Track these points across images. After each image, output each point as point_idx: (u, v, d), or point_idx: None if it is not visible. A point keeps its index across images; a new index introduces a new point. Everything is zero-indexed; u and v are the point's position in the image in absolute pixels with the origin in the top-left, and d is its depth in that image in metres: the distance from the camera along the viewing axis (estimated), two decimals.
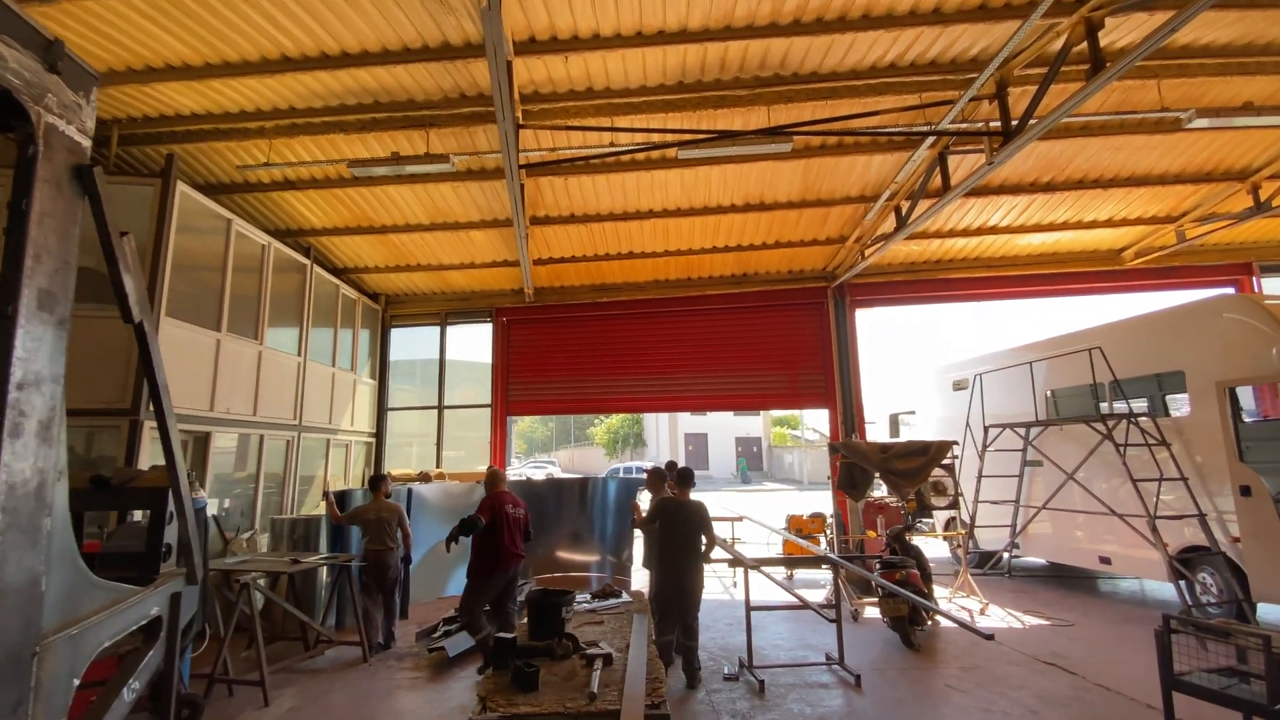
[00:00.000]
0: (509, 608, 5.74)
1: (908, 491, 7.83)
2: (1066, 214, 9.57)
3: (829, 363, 11.12)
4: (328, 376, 10.13)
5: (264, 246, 8.43)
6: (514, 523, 5.64)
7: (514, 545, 5.60)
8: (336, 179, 8.69)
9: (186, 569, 3.30)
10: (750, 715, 4.70)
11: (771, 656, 6.09)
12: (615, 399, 11.83)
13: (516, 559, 5.62)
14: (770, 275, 11.36)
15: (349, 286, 11.06)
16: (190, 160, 8.18)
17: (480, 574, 5.55)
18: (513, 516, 5.66)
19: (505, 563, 5.54)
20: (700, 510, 5.56)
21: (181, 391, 6.78)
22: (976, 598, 7.78)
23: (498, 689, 2.78)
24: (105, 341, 6.27)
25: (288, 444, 8.96)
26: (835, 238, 10.16)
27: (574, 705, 2.58)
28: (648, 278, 11.39)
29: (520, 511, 5.77)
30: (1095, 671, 5.42)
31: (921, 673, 5.55)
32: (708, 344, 11.58)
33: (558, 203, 9.17)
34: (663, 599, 5.40)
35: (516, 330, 12.04)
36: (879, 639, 6.49)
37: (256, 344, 8.18)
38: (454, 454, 12.23)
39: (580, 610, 4.15)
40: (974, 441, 9.41)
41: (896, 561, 6.57)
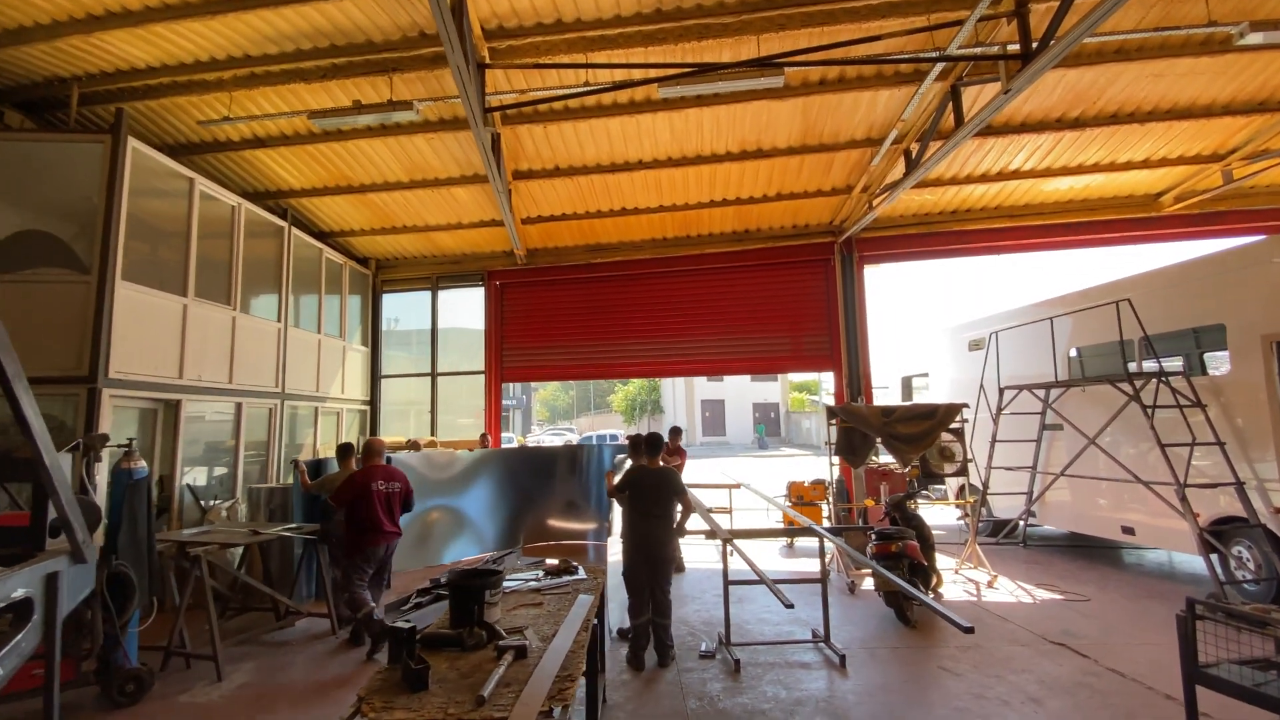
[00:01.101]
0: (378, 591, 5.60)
1: (911, 457, 7.30)
2: (1098, 154, 8.68)
3: (834, 323, 10.50)
4: (313, 343, 9.87)
5: (234, 208, 8.07)
6: (383, 499, 5.39)
7: (382, 523, 5.34)
8: (307, 135, 8.26)
9: (71, 548, 3.00)
10: (718, 699, 4.35)
11: (756, 632, 5.72)
12: (612, 364, 11.40)
13: (386, 536, 5.38)
14: (773, 231, 10.68)
15: (334, 251, 10.71)
16: (154, 119, 7.83)
17: (350, 554, 5.35)
18: (382, 492, 5.39)
19: (373, 540, 5.31)
20: (671, 477, 5.19)
21: (144, 358, 6.55)
22: (985, 569, 7.30)
23: (384, 687, 2.43)
24: (61, 306, 6.03)
25: (270, 412, 8.75)
26: (841, 188, 9.44)
27: (456, 711, 2.22)
28: (644, 236, 10.81)
29: (394, 486, 5.49)
30: (1109, 654, 4.94)
31: (914, 652, 5.13)
32: (708, 306, 11.03)
33: (539, 154, 8.61)
34: (633, 573, 5.06)
35: (510, 294, 11.62)
36: (874, 613, 6.09)
37: (230, 309, 7.89)
38: (464, 421, 11.96)
39: (523, 590, 3.81)
40: (988, 404, 8.79)
41: (893, 532, 6.11)
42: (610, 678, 4.76)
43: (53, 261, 6.24)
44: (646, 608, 5.01)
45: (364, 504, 5.29)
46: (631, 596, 5.07)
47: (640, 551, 5.03)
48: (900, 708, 4.13)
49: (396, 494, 5.49)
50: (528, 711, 2.19)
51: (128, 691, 4.40)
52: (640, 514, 5.07)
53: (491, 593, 3.17)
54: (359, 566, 5.31)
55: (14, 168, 6.36)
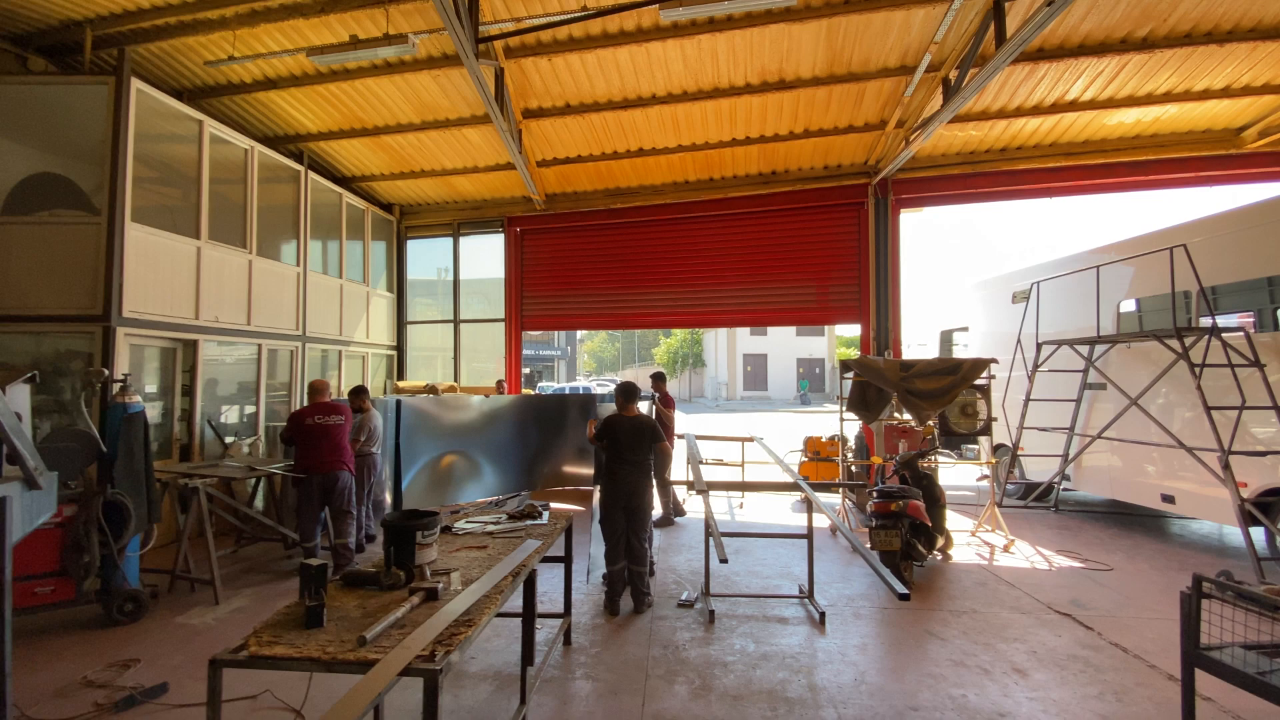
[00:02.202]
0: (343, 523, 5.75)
1: (928, 415, 6.87)
2: (1169, 81, 7.62)
3: (864, 272, 9.89)
4: (334, 288, 10.03)
5: (247, 151, 8.11)
6: (318, 432, 5.63)
7: (318, 454, 5.58)
8: (315, 75, 8.16)
9: (24, 475, 3.09)
10: (684, 648, 4.28)
11: (742, 584, 5.60)
12: (631, 314, 11.16)
13: (322, 466, 5.59)
14: (803, 172, 10.03)
15: (355, 196, 10.74)
16: (166, 63, 7.86)
17: (295, 484, 5.75)
18: (315, 426, 5.64)
19: (311, 468, 5.58)
20: (645, 425, 5.08)
21: (158, 298, 6.75)
22: (1001, 532, 6.91)
23: (283, 621, 2.42)
24: (75, 247, 6.23)
25: (291, 354, 9.01)
26: (874, 123, 8.69)
27: (335, 650, 2.17)
28: (664, 179, 10.36)
29: (334, 419, 5.71)
30: (1117, 627, 4.58)
31: (903, 614, 4.90)
32: (731, 253, 10.57)
33: (548, 90, 8.24)
34: (609, 520, 5.01)
35: (529, 241, 11.45)
36: (872, 573, 5.84)
37: (246, 253, 8.04)
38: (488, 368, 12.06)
39: (476, 533, 3.76)
40: (1024, 361, 8.16)
41: (894, 490, 5.80)
42: (584, 621, 4.76)
43: (65, 203, 6.43)
44: (621, 555, 4.98)
45: (300, 437, 5.62)
46: (606, 543, 5.04)
47: (615, 499, 4.98)
48: (868, 669, 3.95)
49: (338, 427, 5.66)
50: (405, 655, 2.12)
51: (126, 611, 4.68)
52: (615, 461, 5.01)
53: (425, 534, 3.11)
54: (305, 496, 5.61)
55: (28, 112, 6.52)
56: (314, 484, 5.55)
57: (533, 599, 3.23)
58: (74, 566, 4.50)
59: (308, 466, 5.60)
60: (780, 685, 3.75)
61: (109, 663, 4.00)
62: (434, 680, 2.06)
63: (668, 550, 6.70)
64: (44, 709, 3.43)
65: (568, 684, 3.78)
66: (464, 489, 8.59)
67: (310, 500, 5.58)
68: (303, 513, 5.63)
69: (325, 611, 2.44)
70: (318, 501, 5.57)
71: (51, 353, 6.39)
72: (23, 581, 4.39)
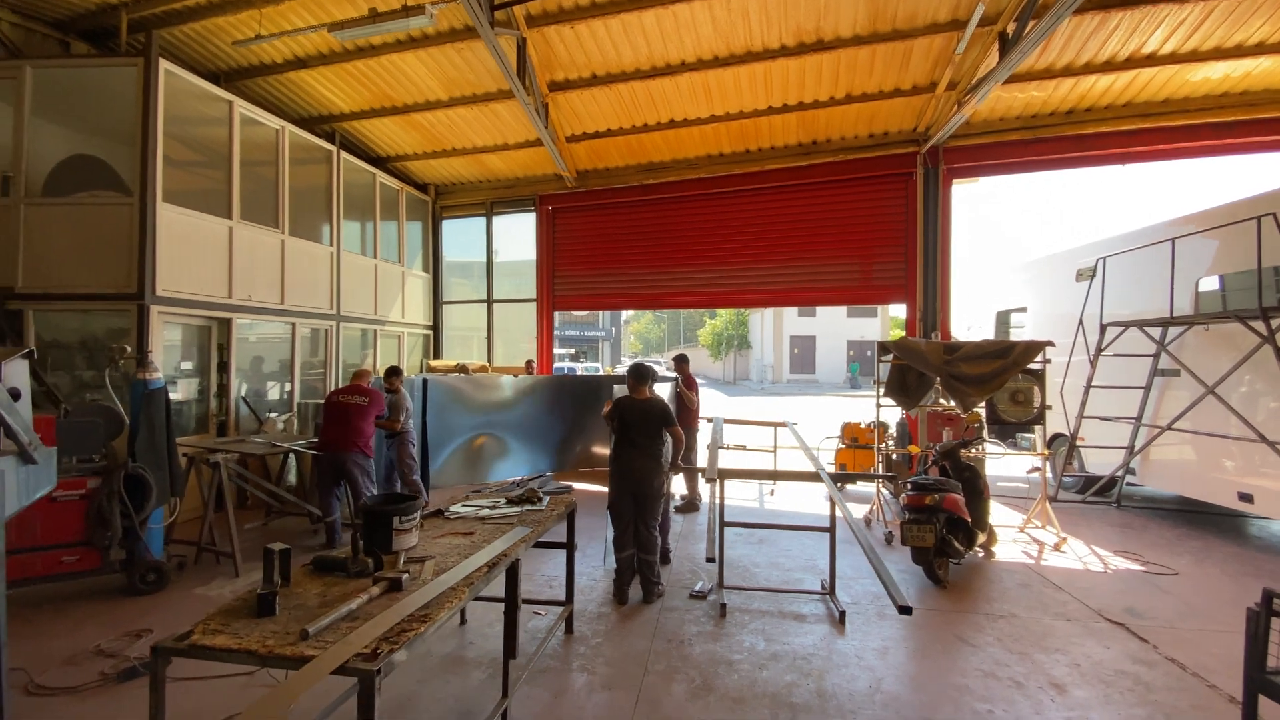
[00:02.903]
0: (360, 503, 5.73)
1: (974, 401, 6.35)
2: (1263, 29, 6.68)
3: (911, 248, 9.27)
4: (368, 268, 10.14)
5: (278, 131, 8.19)
6: (335, 411, 5.66)
7: (329, 433, 5.63)
8: (342, 52, 8.14)
9: (18, 450, 3.12)
10: (690, 643, 4.06)
11: (762, 577, 5.34)
12: (664, 293, 10.86)
13: (328, 445, 5.60)
14: (845, 141, 9.43)
15: (390, 176, 10.78)
16: (199, 45, 8.00)
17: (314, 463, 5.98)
18: (334, 404, 5.70)
19: (322, 448, 5.66)
20: (656, 408, 4.86)
21: (191, 277, 6.90)
22: (1053, 529, 6.37)
23: (237, 608, 2.33)
24: (110, 227, 6.41)
25: (325, 333, 9.16)
26: (923, 85, 8.04)
27: (274, 643, 2.05)
28: (698, 152, 9.95)
29: (353, 399, 5.68)
30: (1176, 640, 4.10)
31: (933, 616, 4.54)
32: (769, 229, 10.10)
33: (573, 60, 7.96)
34: (617, 505, 4.87)
35: (561, 219, 11.27)
36: (906, 569, 5.46)
37: (278, 233, 8.16)
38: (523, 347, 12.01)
39: (468, 518, 3.63)
40: (1086, 344, 7.47)
41: (930, 482, 5.39)
42: (590, 609, 4.61)
43: (101, 184, 6.61)
44: (630, 542, 4.82)
45: (323, 415, 5.78)
46: (615, 529, 4.88)
47: (623, 484, 4.81)
48: (886, 676, 3.64)
49: (355, 406, 5.63)
50: (344, 651, 1.97)
51: (149, 581, 4.81)
52: (622, 445, 4.84)
53: (402, 519, 3.00)
54: (320, 473, 5.75)
55: (67, 95, 6.72)
56: (325, 462, 5.60)
57: (515, 589, 3.07)
58: (97, 537, 4.64)
59: (321, 444, 5.68)
60: (786, 689, 3.49)
61: (124, 632, 4.10)
62: (370, 681, 1.91)
63: (688, 537, 6.48)
64: (52, 676, 3.52)
65: (561, 675, 3.63)
66: (491, 469, 8.57)
67: (324, 477, 5.66)
68: (320, 488, 5.76)
69: (279, 599, 2.34)
70: (330, 478, 5.61)
71: (103, 330, 6.66)
72: (51, 550, 4.56)
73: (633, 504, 4.80)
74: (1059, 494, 7.77)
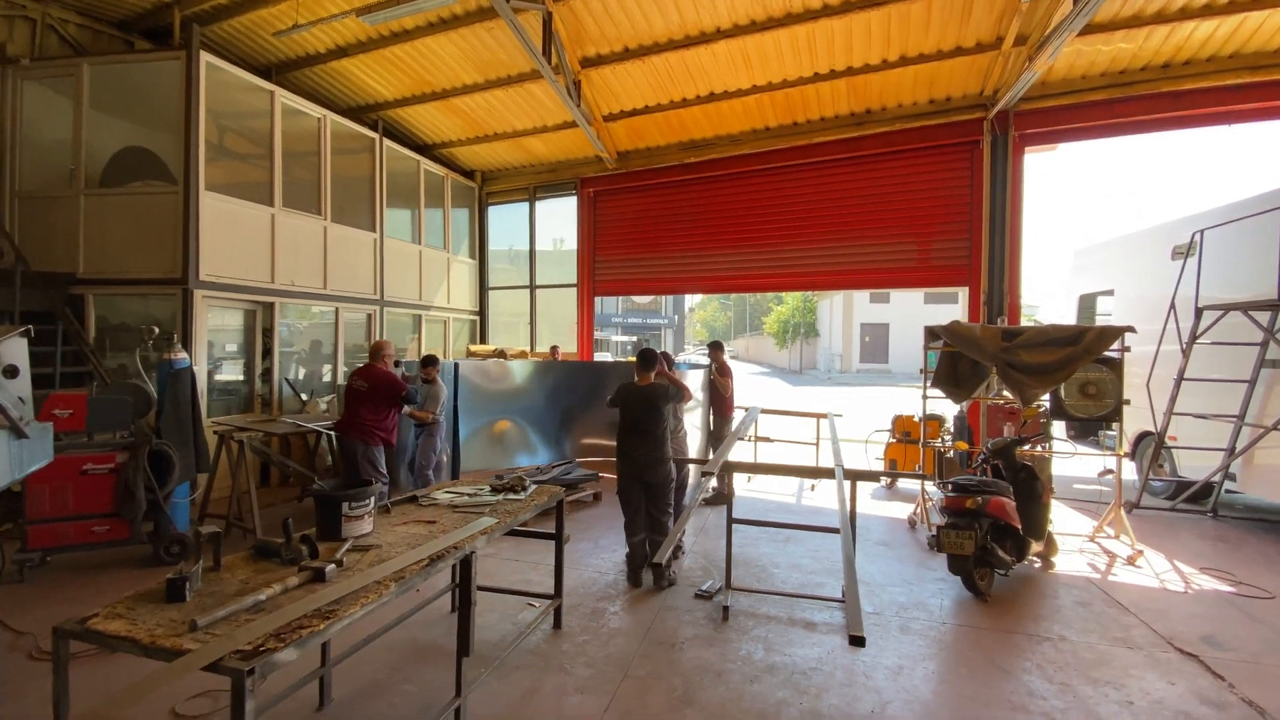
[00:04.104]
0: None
1: (1036, 394, 5.63)
2: None
3: (976, 226, 8.42)
4: (413, 254, 10.30)
5: (319, 120, 8.38)
6: (346, 394, 5.53)
7: (341, 417, 5.53)
8: (378, 38, 8.23)
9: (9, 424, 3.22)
10: (682, 646, 3.77)
11: (779, 579, 4.95)
12: (707, 277, 10.44)
13: (339, 429, 5.50)
14: (902, 109, 8.64)
15: (434, 163, 10.90)
16: (247, 40, 8.29)
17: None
18: (347, 388, 5.54)
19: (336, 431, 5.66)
20: (655, 394, 4.72)
21: (234, 262, 7.16)
22: (1126, 539, 5.60)
23: (147, 594, 2.25)
24: (158, 215, 6.73)
25: (369, 317, 9.39)
26: (988, 42, 7.21)
27: (164, 632, 1.94)
28: (741, 127, 9.43)
29: (356, 383, 5.41)
30: (1258, 678, 3.42)
31: (967, 633, 4.03)
32: (817, 206, 9.47)
33: (604, 34, 7.68)
34: (624, 492, 4.83)
35: (602, 202, 11.05)
36: (944, 578, 4.92)
37: (320, 219, 8.38)
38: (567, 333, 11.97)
39: (439, 505, 3.48)
40: (1178, 331, 6.52)
41: (973, 484, 4.81)
42: (587, 604, 4.40)
43: (151, 174, 6.95)
44: (641, 526, 4.78)
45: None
46: (625, 514, 4.86)
47: (628, 470, 4.79)
48: (894, 699, 3.22)
49: (354, 392, 5.41)
50: (222, 647, 1.83)
51: (173, 552, 5.00)
52: (625, 432, 4.75)
53: (353, 505, 2.87)
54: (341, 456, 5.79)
55: (121, 89, 7.09)
56: (340, 446, 5.63)
57: (469, 583, 2.89)
58: (125, 509, 4.86)
59: (335, 427, 5.69)
60: (774, 708, 3.14)
61: None
62: (239, 681, 1.76)
63: (708, 532, 6.15)
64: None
65: (535, 674, 3.44)
66: (521, 451, 8.49)
67: (342, 460, 5.66)
68: (341, 471, 5.76)
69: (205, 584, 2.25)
70: (345, 462, 5.64)
71: (161, 314, 7.03)
72: (83, 520, 4.81)
73: (641, 491, 4.78)
74: (1143, 500, 6.86)
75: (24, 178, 6.89)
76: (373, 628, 3.60)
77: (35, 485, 4.64)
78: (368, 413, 5.29)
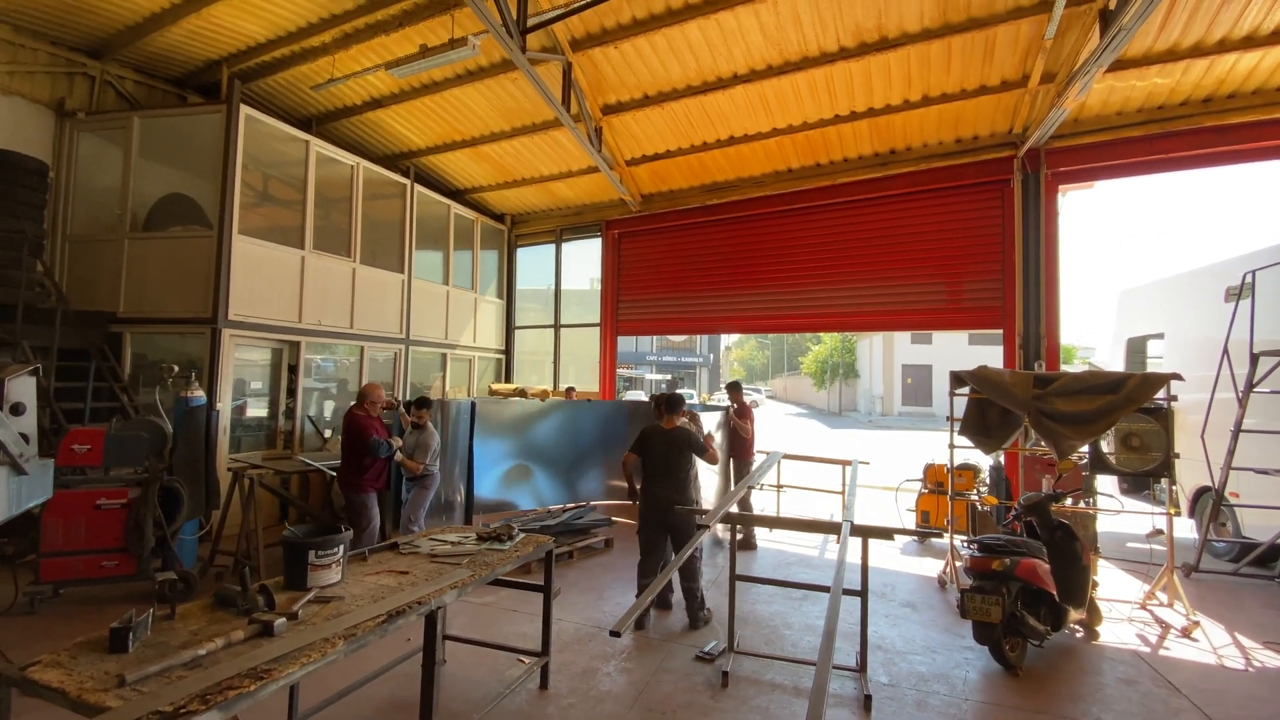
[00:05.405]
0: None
1: (1073, 445, 5.24)
2: None
3: (1009, 265, 8.09)
4: (440, 294, 10.52)
5: (352, 167, 8.73)
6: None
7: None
8: (409, 90, 8.59)
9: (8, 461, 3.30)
10: (673, 715, 3.52)
11: (790, 641, 4.64)
12: (730, 317, 10.32)
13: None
14: (928, 148, 8.48)
15: (464, 207, 11.21)
16: (289, 95, 8.78)
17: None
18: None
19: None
20: (679, 438, 4.93)
21: (263, 303, 7.39)
22: (1181, 607, 5.07)
23: (94, 642, 2.19)
24: (193, 258, 7.03)
25: (395, 356, 9.55)
26: (1014, 79, 7.04)
27: (93, 685, 1.86)
28: (762, 169, 9.41)
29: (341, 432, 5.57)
30: None
31: (992, 713, 3.65)
32: (842, 247, 9.29)
33: (623, 81, 7.83)
34: (644, 533, 4.95)
35: (626, 244, 11.13)
36: (973, 647, 4.52)
37: (350, 261, 8.64)
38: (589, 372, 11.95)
39: (419, 554, 3.37)
40: (1233, 378, 6.03)
41: (1000, 544, 4.45)
42: (577, 662, 4.18)
43: (190, 219, 7.30)
44: (652, 570, 4.86)
45: None
46: (641, 555, 4.98)
47: (650, 513, 4.91)
48: None
49: (342, 439, 5.48)
50: (141, 707, 1.74)
51: (178, 589, 5.00)
52: (653, 475, 4.94)
53: (320, 554, 2.80)
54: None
55: (166, 141, 7.55)
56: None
57: (433, 641, 2.75)
58: (134, 544, 4.92)
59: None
60: None
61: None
62: None
63: (721, 585, 5.84)
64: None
65: None
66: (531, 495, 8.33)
67: None
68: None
69: (135, 635, 2.19)
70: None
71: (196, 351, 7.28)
72: (93, 554, 4.88)
73: (663, 533, 4.89)
74: (1202, 562, 6.26)
75: (75, 222, 7.35)
76: (353, 678, 3.50)
77: (50, 519, 4.75)
78: (343, 460, 5.31)
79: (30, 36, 7.00)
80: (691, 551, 4.65)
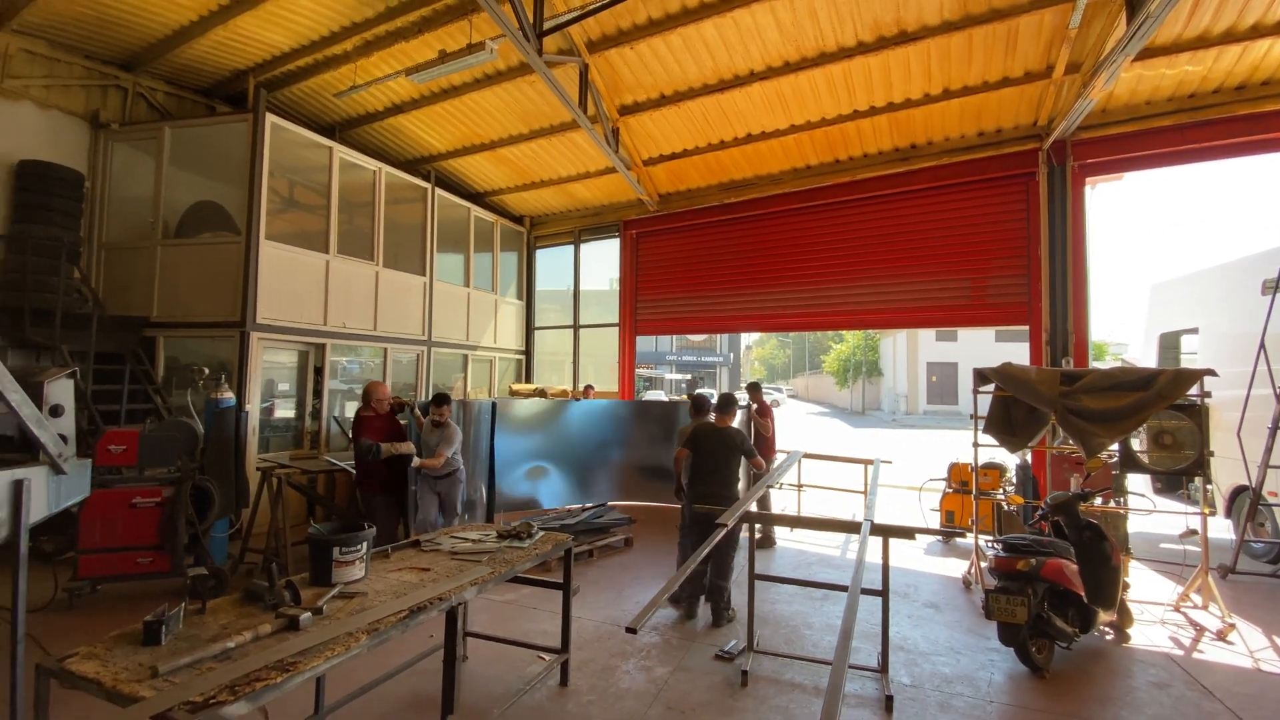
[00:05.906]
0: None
1: (1102, 443, 5.13)
2: None
3: (1034, 260, 7.93)
4: (461, 296, 10.64)
5: (374, 172, 8.88)
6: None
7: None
8: (429, 95, 8.70)
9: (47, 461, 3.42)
10: (691, 714, 3.52)
11: (811, 641, 4.61)
12: (749, 316, 10.27)
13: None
14: (950, 142, 8.35)
15: (486, 210, 11.33)
16: (313, 103, 8.95)
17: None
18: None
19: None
20: (731, 437, 5.08)
21: (289, 306, 7.56)
22: (1216, 609, 4.93)
23: (129, 635, 2.27)
24: (223, 263, 7.22)
25: (418, 357, 9.69)
26: (1037, 70, 6.90)
27: (126, 675, 1.93)
28: (780, 166, 9.35)
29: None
30: None
31: (1021, 716, 3.59)
32: (863, 244, 9.19)
33: (639, 81, 7.84)
34: (687, 529, 5.16)
35: (644, 243, 11.14)
36: (999, 649, 4.44)
37: (373, 265, 8.79)
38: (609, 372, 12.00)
39: (440, 551, 3.42)
40: (1270, 374, 5.84)
41: (1026, 544, 4.38)
42: (596, 660, 4.20)
43: (220, 225, 7.50)
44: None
45: None
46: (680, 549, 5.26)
47: (701, 513, 4.92)
48: None
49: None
50: (171, 697, 1.81)
51: (209, 586, 5.13)
52: (703, 473, 5.03)
53: (344, 550, 2.86)
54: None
55: (196, 150, 7.76)
56: None
57: (454, 636, 2.79)
58: (168, 541, 5.07)
59: None
60: None
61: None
62: None
63: (740, 583, 5.82)
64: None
65: None
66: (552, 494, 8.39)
67: None
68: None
69: (168, 628, 2.26)
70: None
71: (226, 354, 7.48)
72: (129, 551, 5.04)
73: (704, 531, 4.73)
74: (1239, 563, 6.07)
75: (110, 230, 7.59)
76: (377, 673, 3.56)
77: (88, 517, 4.91)
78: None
79: (66, 51, 7.25)
80: (726, 549, 4.85)
